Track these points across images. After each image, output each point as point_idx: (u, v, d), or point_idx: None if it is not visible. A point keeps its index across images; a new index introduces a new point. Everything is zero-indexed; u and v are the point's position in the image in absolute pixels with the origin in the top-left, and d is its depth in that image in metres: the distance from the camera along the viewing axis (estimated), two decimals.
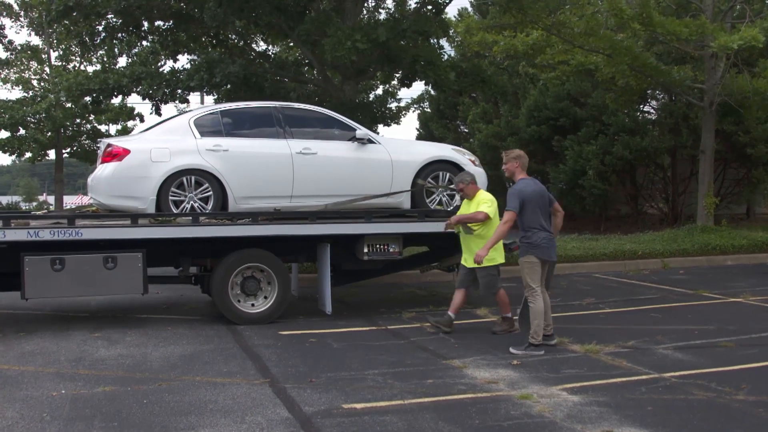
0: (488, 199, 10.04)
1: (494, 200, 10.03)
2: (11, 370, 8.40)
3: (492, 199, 10.03)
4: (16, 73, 29.84)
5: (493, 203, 9.96)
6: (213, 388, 7.52)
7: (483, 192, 10.30)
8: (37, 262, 10.27)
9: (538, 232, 9.17)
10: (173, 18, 17.78)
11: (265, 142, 11.35)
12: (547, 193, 9.55)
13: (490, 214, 9.81)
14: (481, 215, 9.81)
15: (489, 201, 9.99)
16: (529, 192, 9.23)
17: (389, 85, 25.61)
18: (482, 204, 9.95)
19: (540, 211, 9.23)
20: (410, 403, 6.98)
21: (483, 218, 9.81)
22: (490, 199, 10.03)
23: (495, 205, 9.96)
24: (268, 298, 11.05)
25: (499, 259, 9.99)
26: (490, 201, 9.98)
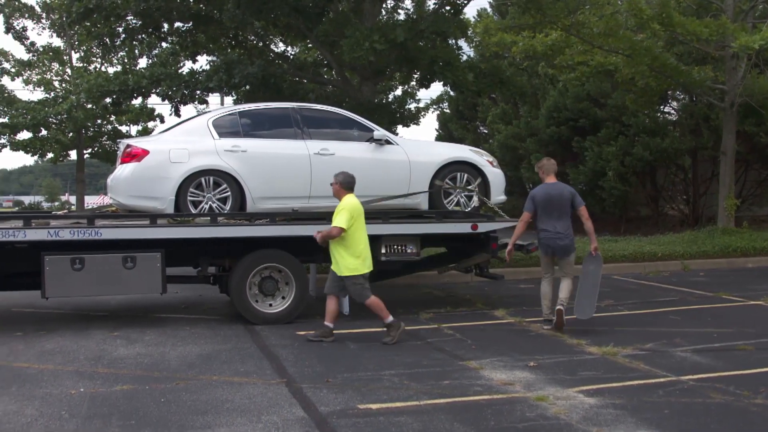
0: (344, 208, 9.46)
1: (354, 208, 9.47)
2: (31, 368, 8.48)
3: (350, 208, 9.44)
4: (38, 74, 30.01)
5: (349, 212, 9.40)
6: (230, 388, 7.56)
7: (346, 198, 9.62)
8: (58, 261, 10.37)
9: (542, 231, 10.57)
10: (192, 19, 17.86)
11: (283, 142, 11.40)
12: (564, 197, 10.48)
13: (344, 226, 9.34)
14: (335, 231, 9.41)
15: (345, 210, 9.42)
16: (538, 196, 10.57)
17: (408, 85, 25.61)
18: (338, 215, 9.47)
19: (549, 212, 10.46)
20: (426, 404, 6.98)
21: (337, 234, 9.42)
22: (348, 208, 9.43)
23: (352, 214, 9.42)
24: (285, 299, 11.09)
25: (362, 269, 9.59)
26: (346, 210, 9.41)
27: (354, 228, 9.48)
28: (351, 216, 9.41)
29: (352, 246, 9.50)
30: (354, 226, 9.48)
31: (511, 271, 15.46)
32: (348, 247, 9.51)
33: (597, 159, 25.01)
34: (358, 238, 9.54)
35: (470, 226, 11.43)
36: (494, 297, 13.49)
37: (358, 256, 9.55)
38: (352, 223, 9.44)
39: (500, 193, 12.29)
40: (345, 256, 9.55)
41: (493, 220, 11.75)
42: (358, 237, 9.53)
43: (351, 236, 9.48)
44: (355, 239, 9.50)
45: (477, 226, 11.44)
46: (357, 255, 9.55)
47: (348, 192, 9.70)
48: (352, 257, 9.53)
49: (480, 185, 11.99)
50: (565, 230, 10.48)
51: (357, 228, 9.53)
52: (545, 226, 10.52)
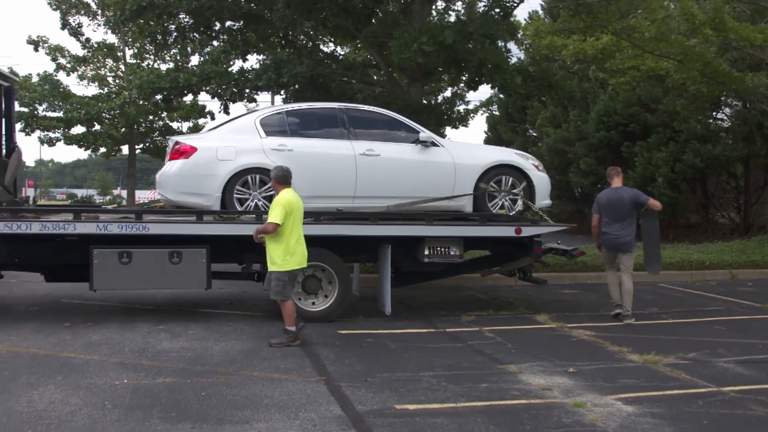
0: (279, 203, 9.34)
1: (289, 203, 9.34)
2: (77, 358, 8.65)
3: (285, 203, 9.31)
4: (92, 70, 30.48)
5: (284, 207, 9.27)
6: (269, 384, 7.65)
7: (283, 193, 9.47)
8: (106, 255, 10.60)
9: (604, 231, 11.75)
10: (243, 18, 18.00)
11: (329, 142, 11.48)
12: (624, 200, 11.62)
13: (279, 221, 9.22)
14: (270, 227, 9.27)
15: (279, 205, 9.29)
16: (602, 200, 11.88)
17: (457, 87, 25.55)
18: (272, 210, 9.37)
19: (610, 214, 11.67)
20: (463, 406, 7.00)
21: (272, 230, 9.28)
22: (282, 203, 9.31)
23: (287, 209, 9.28)
24: (328, 297, 11.17)
25: (288, 266, 9.41)
26: (281, 206, 9.28)
27: (287, 223, 9.32)
28: (286, 211, 9.26)
29: (284, 241, 9.34)
30: (288, 222, 9.33)
31: (555, 276, 15.43)
32: (279, 242, 9.36)
33: (647, 165, 24.75)
34: (290, 234, 9.36)
35: (514, 229, 11.42)
36: (537, 301, 13.44)
37: (287, 252, 9.38)
38: (287, 218, 9.31)
39: (545, 197, 12.24)
40: (274, 249, 9.40)
41: (537, 225, 11.71)
42: (289, 233, 9.35)
43: (282, 231, 9.31)
44: (285, 235, 9.33)
45: (521, 230, 11.42)
46: (287, 251, 9.37)
47: (284, 186, 9.56)
48: (282, 252, 9.37)
49: (525, 189, 11.95)
50: (623, 230, 11.55)
51: (291, 223, 9.37)
52: (606, 227, 11.68)
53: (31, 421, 6.43)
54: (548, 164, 25.54)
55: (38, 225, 10.43)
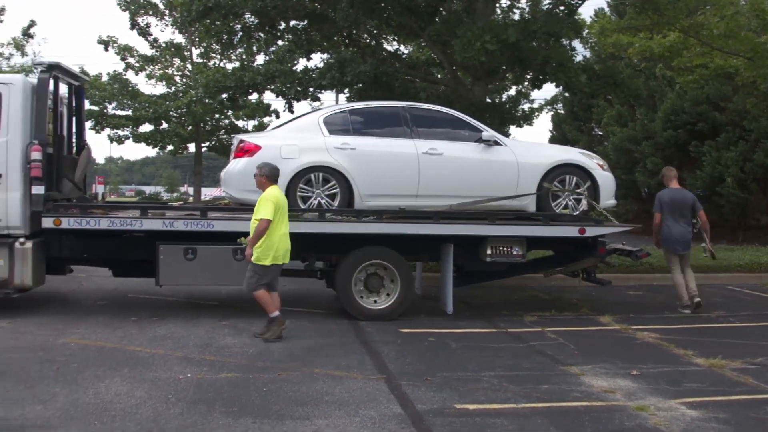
0: (268, 199, 9.46)
1: (278, 199, 9.51)
2: (143, 352, 8.82)
3: (274, 199, 9.46)
4: (160, 69, 30.91)
5: (273, 203, 9.41)
6: (330, 381, 7.70)
7: (269, 189, 9.61)
8: (172, 250, 10.81)
9: (668, 230, 12.34)
10: (307, 18, 18.08)
11: (392, 141, 11.49)
12: (687, 201, 12.40)
13: (270, 216, 9.33)
14: (263, 225, 9.35)
15: (269, 201, 9.42)
16: (665, 199, 12.47)
17: (521, 86, 25.36)
18: (262, 206, 9.44)
19: (673, 214, 12.30)
20: (523, 407, 6.97)
21: (265, 226, 9.36)
22: (271, 199, 9.44)
23: (275, 204, 9.42)
24: (390, 296, 11.20)
25: (266, 260, 9.48)
26: (270, 201, 9.41)
27: (275, 219, 9.43)
28: (275, 206, 9.40)
29: (267, 236, 9.44)
30: (275, 217, 9.42)
31: (620, 277, 15.22)
32: (266, 236, 9.46)
33: (715, 164, 24.31)
34: (274, 230, 9.46)
35: (578, 229, 11.31)
36: (601, 302, 13.29)
37: (269, 248, 9.47)
38: (275, 213, 9.41)
39: (610, 197, 12.08)
40: (258, 244, 9.49)
41: (601, 225, 11.59)
42: (273, 228, 9.44)
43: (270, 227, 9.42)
44: (273, 230, 9.44)
45: (585, 230, 11.31)
46: (269, 246, 9.47)
47: (272, 183, 9.70)
48: (263, 247, 9.48)
49: (589, 188, 11.80)
50: (687, 229, 12.28)
51: (278, 219, 9.48)
52: (673, 226, 12.27)
53: (97, 412, 6.57)
54: (614, 163, 25.28)
55: (107, 221, 10.68)
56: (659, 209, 12.38)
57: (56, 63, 11.38)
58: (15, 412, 6.56)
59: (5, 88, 10.80)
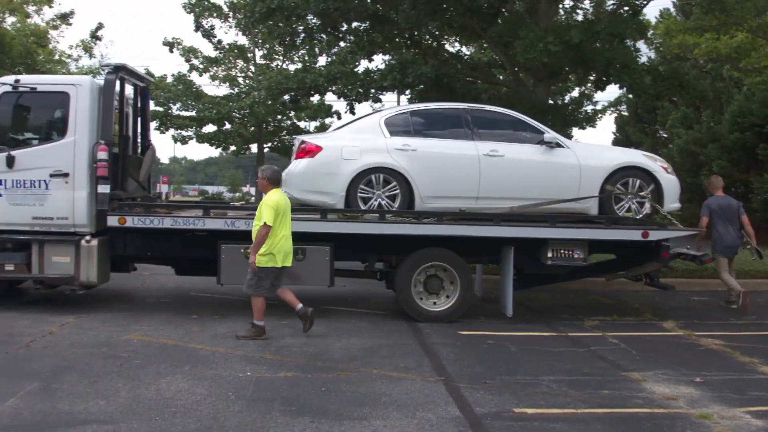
0: (267, 204, 9.56)
1: (278, 204, 9.59)
2: (204, 350, 8.93)
3: (274, 204, 9.55)
4: (224, 70, 31.31)
5: (273, 208, 9.51)
6: (388, 382, 7.70)
7: (271, 193, 9.73)
8: (233, 250, 10.92)
9: (719, 236, 12.90)
10: (369, 19, 18.14)
11: (453, 143, 11.44)
12: (733, 208, 13.01)
13: (271, 222, 9.44)
14: (264, 231, 9.46)
15: (269, 207, 9.51)
16: (713, 206, 13.05)
17: (584, 87, 25.10)
18: (262, 212, 9.55)
19: (723, 220, 12.90)
20: (583, 412, 6.88)
21: (266, 232, 9.47)
22: (271, 204, 9.54)
23: (276, 209, 9.53)
24: (450, 298, 11.17)
25: (269, 263, 9.60)
26: (270, 207, 9.51)
27: (275, 223, 9.52)
28: (276, 212, 9.50)
29: (268, 239, 9.53)
30: (276, 221, 9.52)
31: (683, 282, 14.95)
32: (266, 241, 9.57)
33: None
34: (277, 233, 9.58)
35: (641, 233, 11.14)
36: (664, 308, 13.08)
37: (269, 251, 9.56)
38: (276, 217, 9.51)
39: (674, 200, 11.87)
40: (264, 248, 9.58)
41: (665, 228, 11.41)
42: (275, 232, 9.56)
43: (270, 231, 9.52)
44: (273, 233, 9.54)
45: (648, 234, 11.13)
46: (269, 249, 9.56)
47: (274, 187, 9.84)
48: (266, 251, 9.56)
49: (653, 191, 11.60)
50: (737, 234, 12.92)
51: (278, 223, 9.58)
52: (723, 231, 12.89)
53: (158, 408, 6.67)
54: (679, 166, 24.79)
55: (170, 220, 10.85)
56: (707, 214, 13.00)
57: (122, 64, 11.59)
58: (79, 406, 6.69)
59: (73, 89, 11.04)
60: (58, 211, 10.90)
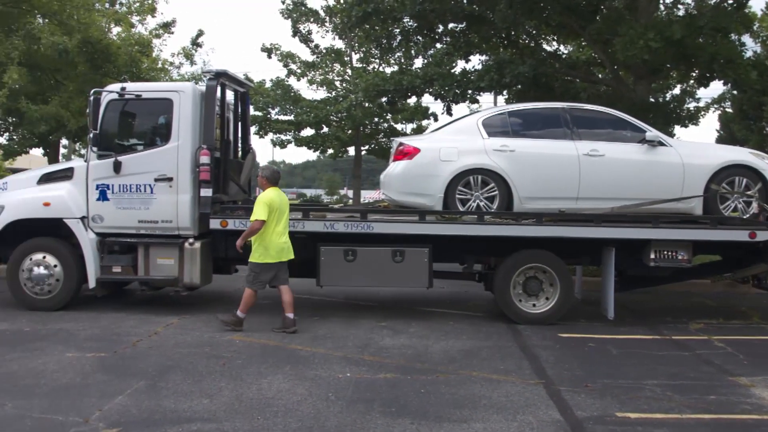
0: (262, 201, 10.09)
1: (272, 200, 10.08)
2: (304, 350, 9.05)
3: (268, 201, 10.05)
4: (321, 74, 31.60)
5: (267, 204, 10.02)
6: (488, 384, 7.67)
7: (268, 191, 10.24)
8: (332, 252, 11.05)
9: None
10: (465, 20, 18.05)
11: (552, 143, 11.31)
12: None
13: (263, 218, 9.97)
14: (257, 225, 10.01)
15: (262, 203, 10.03)
16: None
17: (686, 84, 24.46)
18: (256, 208, 10.11)
19: None
20: (688, 418, 6.72)
21: (259, 227, 10.02)
22: (265, 201, 10.05)
23: (270, 206, 10.04)
24: (549, 300, 11.06)
25: (264, 259, 10.12)
26: (264, 204, 10.02)
27: (268, 220, 10.01)
28: (269, 208, 10.01)
29: (262, 236, 10.07)
30: (270, 218, 10.01)
31: None
32: (259, 236, 10.09)
33: None
34: (269, 230, 10.06)
35: (748, 233, 10.82)
36: None
37: (264, 247, 10.10)
38: (270, 214, 10.00)
39: None
40: (254, 242, 10.17)
41: None
42: (269, 228, 10.05)
43: (263, 227, 10.02)
44: (265, 230, 10.04)
45: (755, 234, 10.81)
46: (264, 245, 10.09)
47: (271, 185, 10.37)
48: (260, 246, 10.11)
49: (760, 190, 11.23)
50: None
51: (272, 219, 10.05)
52: None
53: (260, 407, 6.79)
54: None
55: None
56: None
57: (223, 71, 11.82)
58: (184, 404, 6.87)
59: (176, 95, 11.32)
60: (162, 215, 11.19)
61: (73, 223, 11.31)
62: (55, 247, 11.46)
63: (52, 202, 11.35)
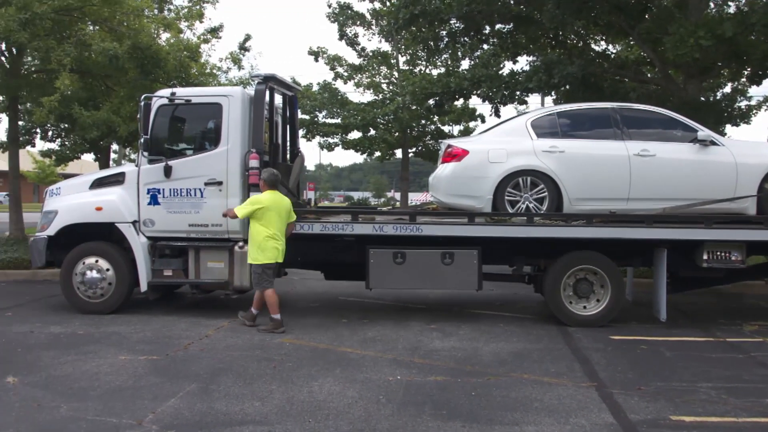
0: (250, 200, 10.57)
1: (259, 202, 10.42)
2: (354, 353, 9.07)
3: (255, 202, 10.46)
4: (367, 77, 31.66)
5: (253, 204, 10.44)
6: (539, 387, 7.62)
7: (265, 193, 10.57)
8: (381, 255, 11.06)
9: None
10: (513, 21, 17.98)
11: (602, 143, 11.20)
12: None
13: (239, 214, 10.49)
14: (230, 214, 10.74)
15: (249, 203, 10.52)
16: None
17: (738, 82, 24.09)
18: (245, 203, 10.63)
19: None
20: (744, 421, 6.61)
21: (232, 216, 10.73)
22: (253, 201, 10.50)
23: (256, 206, 10.41)
24: (600, 301, 10.96)
25: (260, 259, 10.44)
26: (250, 203, 10.49)
27: (259, 221, 10.40)
28: (253, 209, 10.38)
29: (254, 237, 10.46)
30: (260, 219, 10.39)
31: None
32: (253, 238, 10.50)
33: None
34: (260, 231, 10.40)
35: None
36: None
37: (258, 248, 10.43)
38: (256, 214, 10.39)
39: None
40: (250, 245, 10.57)
41: None
42: (259, 230, 10.41)
43: (253, 228, 10.48)
44: (256, 231, 10.43)
45: None
46: (257, 246, 10.44)
47: (270, 188, 10.65)
48: (254, 247, 10.48)
49: None
50: None
51: (262, 221, 10.40)
52: None
53: (311, 410, 6.82)
54: None
55: (319, 226, 11.08)
56: None
57: (272, 75, 11.89)
58: (236, 407, 6.92)
59: (225, 100, 11.42)
60: (212, 219, 11.30)
61: (125, 227, 11.48)
62: (108, 251, 11.64)
63: (104, 206, 11.53)
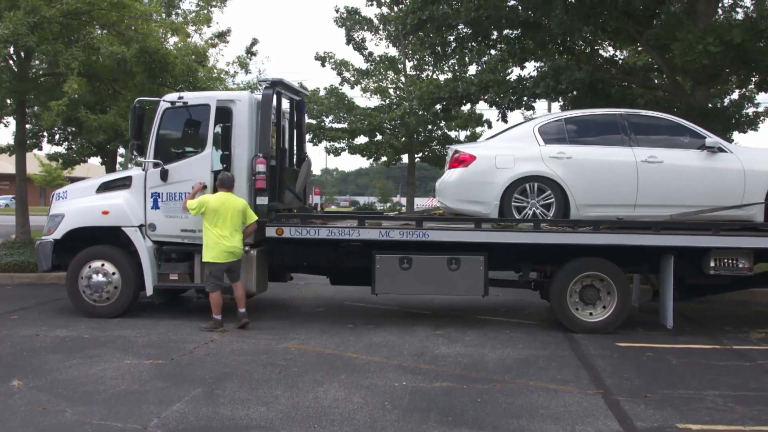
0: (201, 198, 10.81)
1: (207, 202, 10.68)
2: (359, 359, 9.05)
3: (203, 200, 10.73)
4: (374, 82, 31.66)
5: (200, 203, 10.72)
6: (545, 394, 7.59)
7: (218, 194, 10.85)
8: (387, 260, 11.05)
9: None
10: (521, 26, 17.95)
11: (609, 149, 11.17)
12: None
13: (188, 207, 10.86)
14: (182, 204, 11.16)
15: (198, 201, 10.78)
16: None
17: (746, 89, 24.04)
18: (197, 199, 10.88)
19: None
20: (751, 430, 6.59)
21: (182, 207, 11.16)
22: (202, 200, 10.76)
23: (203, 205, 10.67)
24: (606, 308, 10.93)
25: (207, 257, 10.70)
26: (199, 202, 10.76)
27: (209, 221, 10.63)
28: (199, 205, 10.68)
29: (205, 237, 10.71)
30: (210, 220, 10.63)
31: None
32: (204, 237, 10.74)
33: None
34: (210, 232, 10.64)
35: None
36: None
37: (207, 247, 10.68)
38: (206, 215, 10.63)
39: None
40: (203, 245, 10.75)
41: None
42: (209, 230, 10.64)
43: (204, 228, 10.72)
44: (208, 231, 10.67)
45: None
46: (207, 245, 10.69)
47: (224, 189, 10.87)
48: (205, 246, 10.71)
49: None
50: None
51: (212, 221, 10.63)
52: None
53: (316, 416, 6.80)
54: None
55: (326, 231, 11.06)
56: None
57: (279, 79, 11.88)
58: (241, 412, 6.91)
59: (233, 104, 11.43)
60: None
61: (131, 231, 11.48)
62: (114, 255, 11.64)
63: (110, 210, 11.54)
